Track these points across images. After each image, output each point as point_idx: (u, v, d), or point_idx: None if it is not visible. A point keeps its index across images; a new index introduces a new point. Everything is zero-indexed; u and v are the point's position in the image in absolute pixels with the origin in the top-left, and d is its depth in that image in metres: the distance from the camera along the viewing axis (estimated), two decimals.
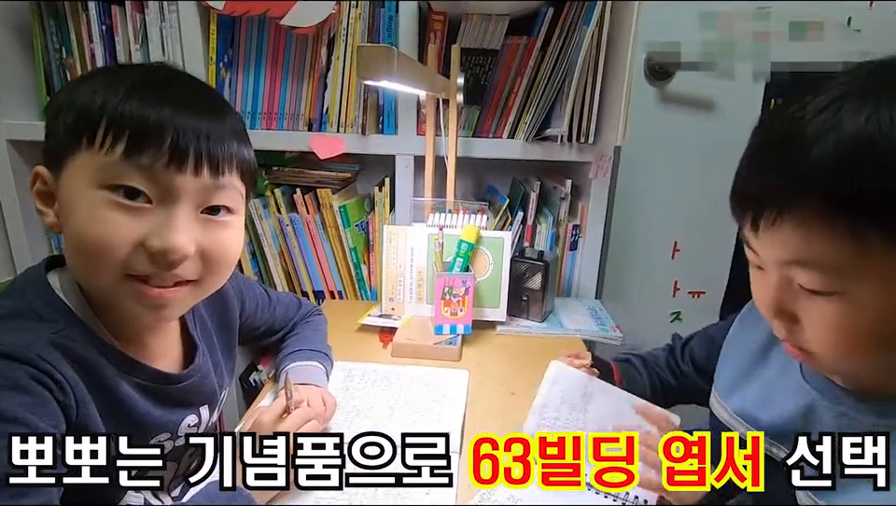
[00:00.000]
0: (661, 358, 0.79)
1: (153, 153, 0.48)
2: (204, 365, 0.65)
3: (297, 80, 1.09)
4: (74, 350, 0.51)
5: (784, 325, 0.46)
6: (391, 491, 0.61)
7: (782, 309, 0.45)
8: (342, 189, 1.17)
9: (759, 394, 0.58)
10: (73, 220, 0.49)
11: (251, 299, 0.79)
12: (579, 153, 1.10)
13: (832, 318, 0.41)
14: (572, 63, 1.02)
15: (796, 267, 0.42)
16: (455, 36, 1.06)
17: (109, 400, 0.53)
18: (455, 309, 0.96)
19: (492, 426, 0.75)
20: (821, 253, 0.39)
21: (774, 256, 0.44)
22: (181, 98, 0.51)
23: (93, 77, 0.52)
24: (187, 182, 0.50)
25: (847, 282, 0.40)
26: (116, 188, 0.48)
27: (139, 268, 0.50)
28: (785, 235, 0.41)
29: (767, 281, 0.46)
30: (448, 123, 1.03)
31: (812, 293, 0.42)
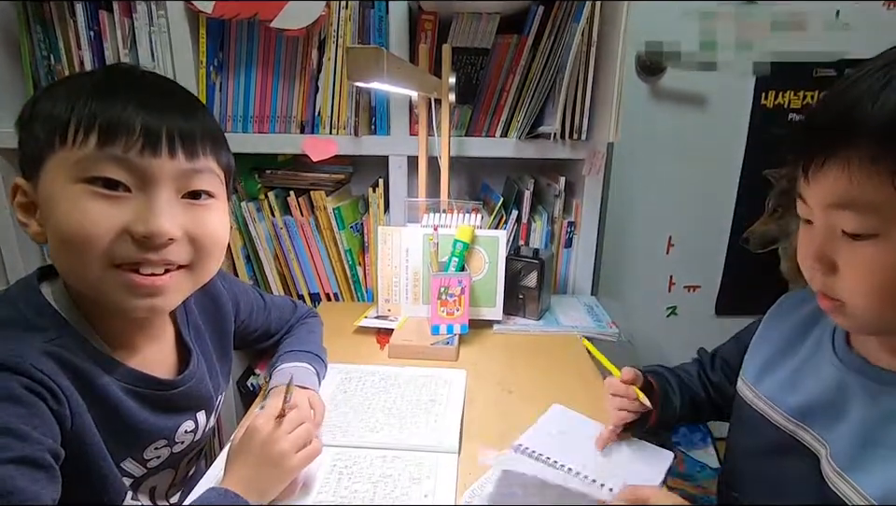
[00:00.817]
0: (692, 373, 0.79)
1: (125, 141, 0.49)
2: (199, 370, 0.65)
3: (288, 83, 1.09)
4: (67, 359, 0.50)
5: (822, 273, 0.48)
6: (388, 494, 0.61)
7: (823, 255, 0.47)
8: (335, 190, 1.17)
9: (789, 378, 0.59)
10: (54, 218, 0.49)
11: (246, 303, 0.79)
12: (572, 150, 1.10)
13: (869, 260, 0.44)
14: (563, 61, 1.03)
15: (840, 210, 0.45)
16: (445, 36, 1.06)
17: (104, 408, 0.53)
18: (451, 309, 0.96)
19: (490, 425, 0.75)
20: (863, 194, 0.43)
21: (820, 200, 0.47)
22: (146, 88, 0.53)
23: (54, 88, 0.52)
24: (163, 166, 0.50)
25: (885, 224, 0.42)
26: (93, 179, 0.49)
27: (126, 256, 0.50)
28: (831, 178, 0.44)
29: (813, 231, 0.49)
30: (441, 123, 1.03)
31: (853, 238, 0.45)
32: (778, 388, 0.60)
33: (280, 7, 0.99)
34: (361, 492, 0.61)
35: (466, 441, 0.71)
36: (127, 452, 0.57)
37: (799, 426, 0.56)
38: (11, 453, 0.42)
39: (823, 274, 0.48)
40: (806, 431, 0.55)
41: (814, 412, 0.54)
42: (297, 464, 0.59)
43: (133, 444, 0.57)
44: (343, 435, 0.70)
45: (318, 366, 0.80)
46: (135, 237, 0.49)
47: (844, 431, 0.50)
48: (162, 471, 0.63)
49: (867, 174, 0.42)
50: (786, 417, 0.57)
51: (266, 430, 0.58)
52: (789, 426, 0.57)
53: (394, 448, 0.68)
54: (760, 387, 0.63)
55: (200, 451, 0.70)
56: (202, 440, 0.67)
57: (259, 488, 0.56)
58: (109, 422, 0.54)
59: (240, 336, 0.79)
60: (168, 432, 0.60)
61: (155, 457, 0.60)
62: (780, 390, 0.59)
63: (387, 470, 0.64)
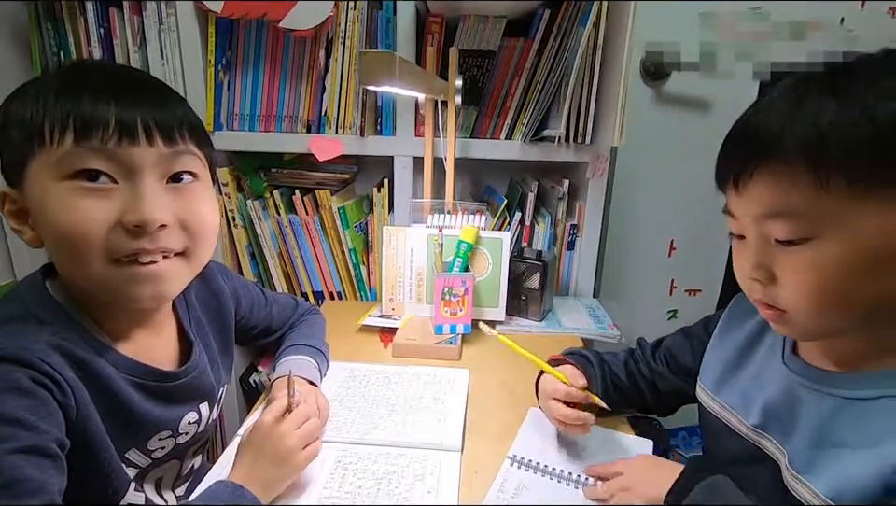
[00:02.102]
0: (619, 359, 0.79)
1: (102, 133, 0.49)
2: (201, 362, 0.66)
3: (295, 82, 1.10)
4: (72, 351, 0.51)
5: (761, 282, 0.49)
6: (392, 491, 0.61)
7: (761, 266, 0.48)
8: (340, 190, 1.18)
9: (747, 386, 0.60)
10: (46, 219, 0.50)
11: (246, 298, 0.80)
12: (576, 153, 1.11)
13: (804, 266, 0.45)
14: (569, 64, 1.03)
15: (771, 220, 0.46)
16: (452, 38, 1.07)
17: (109, 400, 0.54)
18: (454, 309, 0.97)
19: (492, 424, 0.76)
20: (791, 200, 0.44)
21: (751, 212, 0.48)
22: (115, 80, 0.53)
23: (22, 92, 0.52)
24: (144, 154, 0.51)
25: (817, 227, 0.44)
26: (76, 174, 0.49)
27: (122, 248, 0.51)
28: (760, 189, 0.46)
29: (747, 245, 0.50)
30: (447, 125, 1.04)
31: (787, 245, 0.46)
32: (738, 398, 0.60)
33: (289, 8, 1.00)
34: (365, 488, 0.61)
35: (468, 439, 0.72)
36: (132, 442, 0.58)
37: (760, 435, 0.56)
38: (19, 442, 0.43)
39: (763, 285, 0.49)
40: (768, 440, 0.56)
41: (771, 420, 0.55)
42: (303, 460, 0.60)
43: (137, 435, 0.58)
44: (347, 432, 0.71)
45: (320, 360, 0.81)
46: (128, 227, 0.50)
47: (797, 437, 0.51)
48: (168, 463, 0.64)
49: (792, 180, 0.44)
50: (748, 427, 0.58)
51: (274, 426, 0.59)
52: (751, 435, 0.58)
53: (397, 445, 0.69)
54: (720, 396, 0.63)
55: (204, 443, 0.71)
56: (205, 431, 0.68)
57: (266, 484, 0.57)
58: (114, 413, 0.55)
59: (241, 331, 0.80)
60: (172, 423, 0.61)
61: (160, 448, 0.61)
62: (740, 399, 0.60)
63: (391, 467, 0.65)
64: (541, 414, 0.75)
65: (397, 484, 0.62)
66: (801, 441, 0.51)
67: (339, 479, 0.63)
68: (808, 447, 0.50)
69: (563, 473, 0.66)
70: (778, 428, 0.54)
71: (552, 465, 0.67)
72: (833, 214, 0.43)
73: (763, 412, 0.56)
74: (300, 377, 0.74)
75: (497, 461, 0.68)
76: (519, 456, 0.67)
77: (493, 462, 0.68)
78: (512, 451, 0.68)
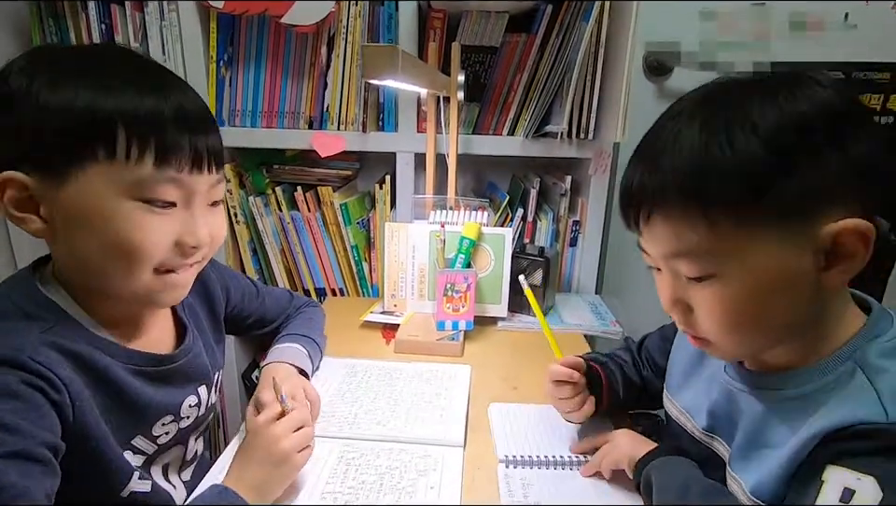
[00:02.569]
0: (628, 360, 0.79)
1: (179, 161, 0.51)
2: (196, 345, 0.66)
3: (297, 79, 1.10)
4: (66, 346, 0.51)
5: (681, 316, 0.50)
6: (395, 486, 0.61)
7: (678, 299, 0.49)
8: (342, 186, 1.18)
9: (700, 388, 0.61)
10: (98, 228, 0.50)
11: (236, 287, 0.80)
12: (578, 150, 1.11)
13: (712, 300, 0.46)
14: (571, 61, 1.03)
15: (675, 259, 0.47)
16: (454, 34, 1.07)
17: (109, 391, 0.54)
18: (456, 305, 0.97)
19: None
20: (688, 241, 0.45)
21: (657, 251, 0.48)
22: (179, 95, 0.52)
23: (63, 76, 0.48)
24: (202, 181, 0.54)
25: (715, 264, 0.45)
26: (151, 200, 0.51)
27: (171, 263, 0.54)
28: (658, 230, 0.46)
29: (663, 278, 0.50)
30: (449, 121, 1.03)
31: (695, 281, 0.46)
32: (692, 401, 0.62)
33: (290, 4, 1.00)
34: (368, 483, 0.61)
35: (471, 435, 0.72)
36: (136, 429, 0.58)
37: (712, 438, 0.58)
38: (4, 448, 0.42)
39: (683, 316, 0.50)
40: (718, 442, 0.57)
41: (719, 423, 0.57)
42: (299, 462, 0.60)
43: (141, 422, 0.58)
44: (349, 427, 0.71)
45: (312, 350, 0.81)
46: (183, 247, 0.54)
47: (737, 438, 0.53)
48: (173, 448, 0.64)
49: (685, 223, 0.44)
50: (700, 430, 0.59)
51: (268, 428, 0.59)
52: (704, 439, 0.59)
53: (400, 441, 0.69)
54: (678, 401, 0.64)
55: (206, 428, 0.72)
56: (206, 415, 0.69)
57: (258, 486, 0.57)
58: (115, 403, 0.55)
59: (235, 321, 0.80)
60: (173, 407, 0.62)
61: (164, 434, 0.61)
62: (693, 403, 0.61)
63: (394, 462, 0.65)
64: (501, 408, 0.77)
65: (399, 480, 0.62)
66: (739, 441, 0.52)
67: (341, 474, 0.63)
68: (744, 447, 0.51)
69: (555, 459, 0.67)
70: (724, 431, 0.56)
71: (541, 454, 0.67)
72: (728, 251, 0.44)
73: (710, 415, 0.58)
74: (288, 364, 0.75)
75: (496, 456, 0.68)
76: (509, 455, 0.67)
77: (496, 458, 0.68)
78: (500, 453, 0.68)
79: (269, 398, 0.67)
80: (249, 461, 0.58)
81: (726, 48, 1.26)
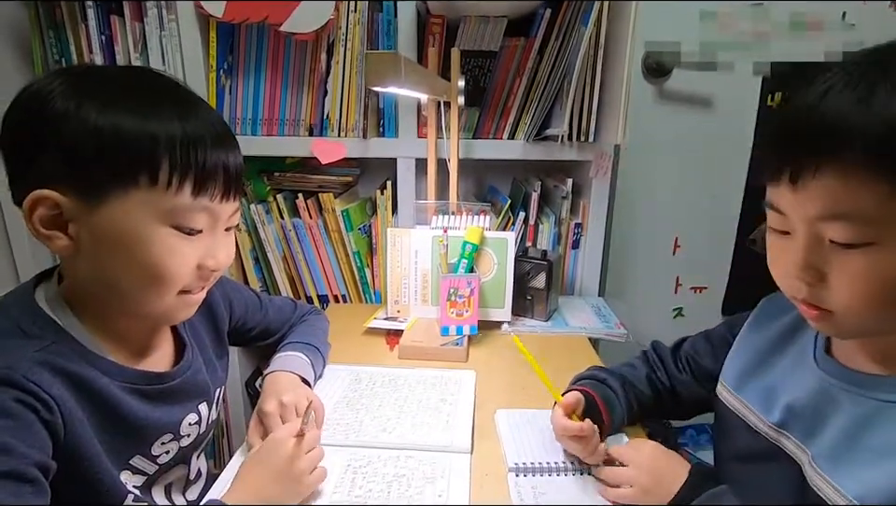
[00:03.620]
0: (640, 373, 0.76)
1: (212, 190, 0.53)
2: (195, 361, 0.66)
3: (297, 86, 1.10)
4: (61, 365, 0.51)
5: (808, 283, 0.46)
6: (403, 494, 0.61)
7: (810, 266, 0.45)
8: (343, 193, 1.18)
9: (771, 385, 0.59)
10: (135, 253, 0.51)
11: (238, 300, 0.80)
12: (579, 152, 1.11)
13: (863, 269, 0.42)
14: (571, 64, 1.03)
15: (831, 221, 0.43)
16: (453, 39, 1.07)
17: (105, 410, 0.54)
18: (460, 310, 0.97)
19: None
20: (860, 203, 0.41)
21: (809, 212, 0.44)
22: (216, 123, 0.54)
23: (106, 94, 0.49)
24: (228, 208, 0.57)
25: (880, 232, 0.41)
26: (183, 227, 0.52)
27: (193, 284, 0.56)
28: (825, 188, 0.42)
29: (793, 243, 0.46)
30: (450, 125, 1.03)
31: (844, 247, 0.43)
32: (761, 395, 0.59)
33: (290, 11, 1.00)
34: (376, 491, 0.61)
35: (478, 441, 0.71)
36: (135, 449, 0.58)
37: (781, 433, 0.56)
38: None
39: (809, 285, 0.46)
40: (788, 439, 0.55)
41: (795, 419, 0.54)
42: (311, 483, 0.60)
43: (139, 441, 0.58)
44: (356, 435, 0.71)
45: (314, 357, 0.81)
46: (205, 270, 0.56)
47: (826, 437, 0.50)
48: (175, 467, 0.64)
49: (863, 182, 0.40)
50: (768, 425, 0.57)
51: (290, 445, 0.59)
52: (770, 433, 0.57)
53: (407, 448, 0.68)
54: (742, 393, 0.62)
55: (207, 445, 0.71)
56: (207, 432, 0.68)
57: (270, 502, 0.56)
58: (112, 422, 0.54)
59: (238, 333, 0.80)
60: (172, 426, 0.61)
61: (164, 453, 0.61)
62: (763, 397, 0.59)
63: (401, 469, 0.65)
64: (507, 415, 0.76)
65: (407, 488, 0.62)
66: (829, 442, 0.50)
67: (349, 483, 0.62)
68: (838, 448, 0.49)
69: (566, 465, 0.66)
70: (802, 428, 0.53)
71: (552, 460, 0.67)
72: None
73: (787, 411, 0.55)
74: (291, 373, 0.74)
75: (504, 463, 0.67)
76: (519, 463, 0.66)
77: (503, 464, 0.67)
78: (510, 461, 0.67)
79: (271, 408, 0.67)
80: (260, 476, 0.57)
81: (726, 48, 1.26)
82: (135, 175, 0.49)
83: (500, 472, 0.66)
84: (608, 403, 0.70)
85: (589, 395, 0.69)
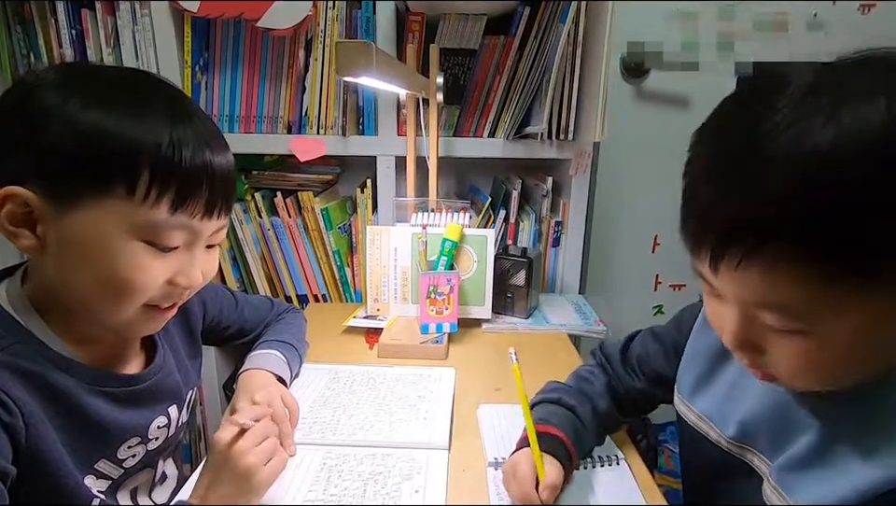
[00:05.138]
0: (600, 388, 0.70)
1: (195, 208, 0.50)
2: (166, 364, 0.64)
3: (275, 83, 1.09)
4: (23, 366, 0.49)
5: (749, 356, 0.44)
6: (379, 491, 0.60)
7: (746, 340, 0.42)
8: (323, 191, 1.17)
9: (724, 394, 0.56)
10: (100, 263, 0.49)
11: (213, 299, 0.78)
12: (559, 150, 1.11)
13: (800, 353, 0.40)
14: (550, 62, 1.04)
15: (761, 309, 0.39)
16: (433, 37, 1.07)
17: (69, 413, 0.52)
18: (440, 308, 0.96)
19: None
20: (790, 296, 0.37)
21: (735, 295, 0.40)
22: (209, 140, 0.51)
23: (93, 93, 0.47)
24: (210, 226, 0.54)
25: (816, 322, 0.38)
26: (155, 243, 0.50)
27: (160, 299, 0.54)
28: (749, 280, 0.38)
29: (727, 313, 0.42)
30: (429, 123, 1.03)
31: (779, 331, 0.40)
32: (715, 407, 0.56)
33: (266, 7, 0.99)
34: (351, 490, 0.60)
35: (456, 438, 0.71)
36: (100, 453, 0.56)
37: (743, 448, 0.53)
38: None
39: (750, 356, 0.43)
40: (752, 452, 0.52)
41: (758, 432, 0.51)
42: (266, 478, 0.56)
43: (105, 445, 0.56)
44: (332, 434, 0.70)
45: (291, 356, 0.79)
46: (174, 287, 0.53)
47: (792, 451, 0.47)
48: (141, 471, 0.62)
49: (797, 275, 0.35)
50: (728, 440, 0.54)
51: (231, 444, 0.55)
52: (733, 449, 0.54)
53: (384, 446, 0.68)
54: (696, 405, 0.59)
55: (175, 447, 0.69)
56: (175, 435, 0.66)
57: (229, 502, 0.54)
58: (76, 425, 0.52)
59: (214, 332, 0.79)
60: (140, 429, 0.59)
61: (130, 457, 0.59)
62: (718, 409, 0.56)
63: (377, 467, 0.64)
64: (490, 410, 0.75)
65: (383, 485, 0.61)
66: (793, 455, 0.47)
67: (324, 481, 0.61)
68: (800, 462, 0.46)
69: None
70: (765, 441, 0.51)
71: None
72: (833, 309, 0.36)
73: (748, 423, 0.52)
74: (266, 371, 0.73)
75: (484, 458, 0.67)
76: (498, 457, 0.66)
77: (481, 459, 0.67)
78: (489, 456, 0.67)
79: (244, 406, 0.65)
80: (215, 480, 0.55)
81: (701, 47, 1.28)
82: (111, 183, 0.46)
83: (478, 467, 0.65)
84: (578, 445, 0.63)
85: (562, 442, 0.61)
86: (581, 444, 0.64)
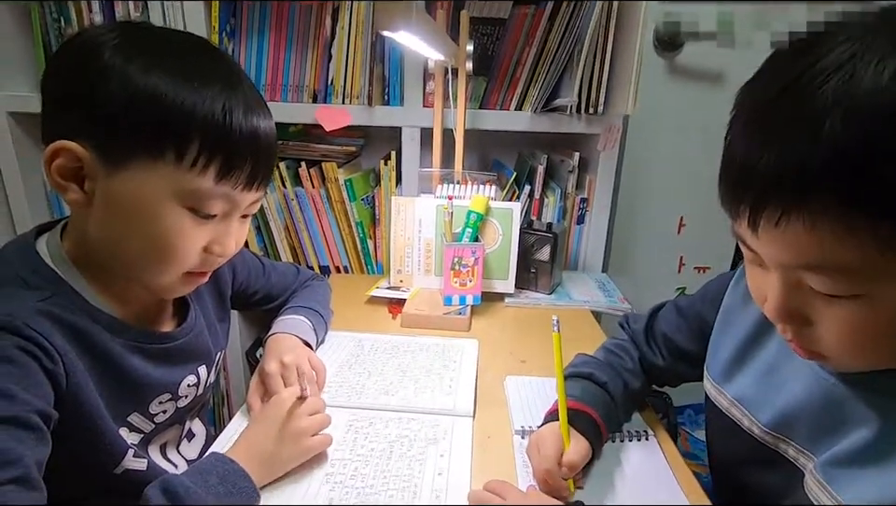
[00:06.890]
0: (633, 362, 0.68)
1: (236, 178, 0.51)
2: (198, 323, 0.65)
3: (301, 51, 1.08)
4: (63, 317, 0.50)
5: (793, 328, 0.41)
6: (405, 453, 0.61)
7: (791, 310, 0.39)
8: (347, 162, 1.16)
9: (760, 379, 0.52)
10: (144, 225, 0.50)
11: (242, 265, 0.79)
12: (587, 125, 1.09)
13: (853, 321, 0.37)
14: (581, 34, 1.01)
15: (806, 271, 0.37)
16: (460, 6, 1.04)
17: (105, 365, 0.53)
18: (464, 280, 0.96)
19: (503, 393, 0.75)
20: (837, 257, 0.34)
21: (777, 258, 0.38)
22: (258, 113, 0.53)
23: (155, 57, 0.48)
24: (248, 197, 0.55)
25: (867, 284, 0.35)
26: (199, 211, 0.51)
27: (197, 266, 0.55)
28: (792, 238, 0.35)
29: (770, 281, 0.40)
30: (457, 92, 1.01)
31: (828, 296, 0.37)
32: (750, 392, 0.53)
33: None
34: (378, 451, 0.61)
35: (479, 407, 0.71)
36: (132, 406, 0.57)
37: (780, 438, 0.50)
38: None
39: (794, 329, 0.41)
40: (789, 444, 0.49)
41: (798, 422, 0.48)
42: (311, 445, 0.59)
43: (137, 399, 0.58)
44: (358, 397, 0.70)
45: (316, 321, 0.80)
46: (210, 254, 0.55)
47: (841, 446, 0.44)
48: (170, 428, 0.64)
49: (844, 234, 0.33)
50: (762, 428, 0.51)
51: (287, 405, 0.59)
52: (767, 439, 0.51)
53: (409, 410, 0.68)
54: (728, 389, 0.56)
55: (201, 407, 0.71)
56: (204, 394, 0.68)
57: (269, 460, 0.56)
58: (111, 378, 0.54)
59: (241, 297, 0.80)
60: (172, 386, 0.61)
61: (161, 412, 0.60)
62: (753, 395, 0.53)
63: (403, 430, 0.64)
64: (517, 381, 0.75)
65: (409, 448, 0.61)
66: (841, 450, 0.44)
67: (350, 442, 0.62)
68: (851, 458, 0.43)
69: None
70: (806, 434, 0.47)
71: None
72: (890, 270, 0.33)
73: (786, 412, 0.49)
74: (292, 335, 0.74)
75: (510, 427, 0.67)
76: (525, 427, 0.66)
77: (506, 428, 0.67)
78: (516, 424, 0.67)
79: (272, 369, 0.66)
80: (261, 434, 0.57)
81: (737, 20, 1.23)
82: (162, 148, 0.48)
83: (504, 435, 0.66)
84: (608, 423, 0.62)
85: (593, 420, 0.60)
86: (611, 423, 0.64)
